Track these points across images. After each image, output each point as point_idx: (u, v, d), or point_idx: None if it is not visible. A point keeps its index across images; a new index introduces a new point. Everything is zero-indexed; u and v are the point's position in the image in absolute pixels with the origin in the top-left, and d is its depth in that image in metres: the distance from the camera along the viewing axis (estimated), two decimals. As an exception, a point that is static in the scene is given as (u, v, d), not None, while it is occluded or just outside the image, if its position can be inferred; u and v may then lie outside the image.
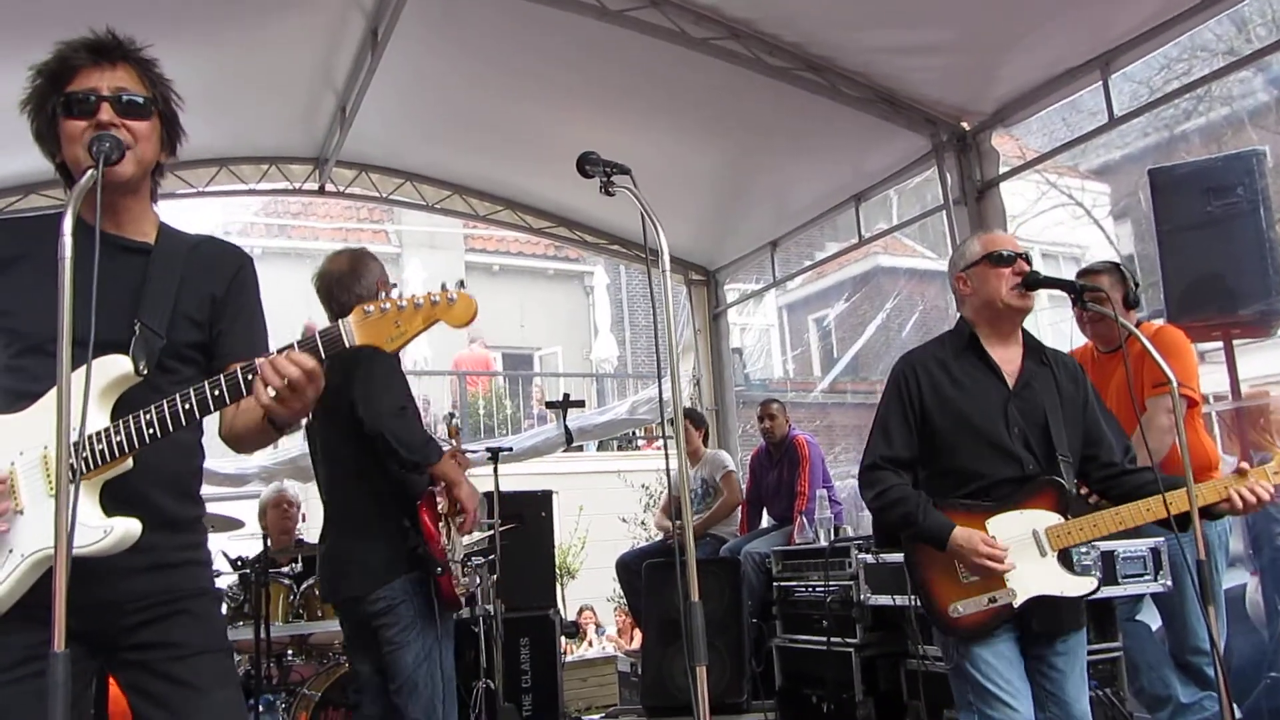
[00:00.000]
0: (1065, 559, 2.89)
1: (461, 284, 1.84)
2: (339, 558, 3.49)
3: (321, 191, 7.56)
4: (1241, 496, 2.80)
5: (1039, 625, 2.88)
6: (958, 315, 3.21)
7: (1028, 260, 3.06)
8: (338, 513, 3.55)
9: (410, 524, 3.36)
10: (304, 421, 2.05)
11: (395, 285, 3.59)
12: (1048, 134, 8.55)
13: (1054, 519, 2.88)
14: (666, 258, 2.08)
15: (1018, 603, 2.81)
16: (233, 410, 2.04)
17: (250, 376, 1.84)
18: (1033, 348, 3.11)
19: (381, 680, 3.47)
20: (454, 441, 4.13)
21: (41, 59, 2.06)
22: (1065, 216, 14.71)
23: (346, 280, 3.49)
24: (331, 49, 5.85)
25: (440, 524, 3.43)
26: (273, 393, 1.82)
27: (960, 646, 2.90)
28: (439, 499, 3.48)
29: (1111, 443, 3.08)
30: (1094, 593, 2.92)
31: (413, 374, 15.31)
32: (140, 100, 2.03)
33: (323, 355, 1.84)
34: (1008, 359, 3.05)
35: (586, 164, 2.31)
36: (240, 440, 2.12)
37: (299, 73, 6.11)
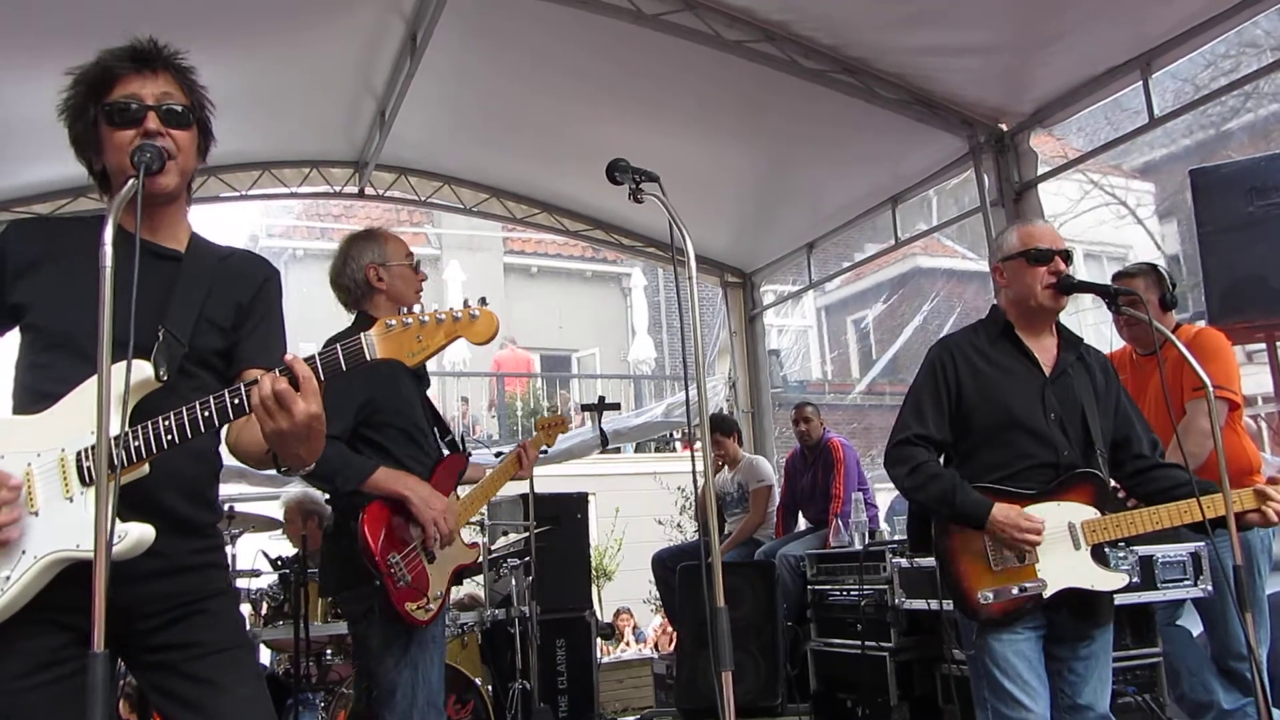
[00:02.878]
0: (1099, 554, 2.88)
1: (484, 300, 1.86)
2: (322, 554, 3.45)
3: (361, 195, 7.64)
4: (1275, 510, 2.79)
5: (1071, 615, 2.88)
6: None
7: (1066, 258, 3.04)
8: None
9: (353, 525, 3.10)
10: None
11: (384, 264, 3.31)
12: (1090, 133, 8.45)
13: (1091, 513, 2.89)
14: (693, 265, 2.08)
15: (1048, 593, 2.82)
16: (240, 424, 2.01)
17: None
18: (1069, 340, 3.12)
19: None
20: None
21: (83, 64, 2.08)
22: (1109, 216, 14.55)
23: (338, 266, 3.38)
24: (371, 54, 5.91)
25: (384, 535, 3.11)
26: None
27: (981, 639, 2.90)
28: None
29: (1142, 435, 3.09)
30: (1125, 588, 2.91)
31: (451, 375, 15.46)
32: (181, 109, 2.06)
33: (344, 366, 1.85)
34: (1043, 349, 3.08)
35: (616, 171, 2.32)
36: (245, 455, 2.10)
37: (340, 78, 6.18)
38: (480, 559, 5.69)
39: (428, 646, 3.13)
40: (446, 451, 3.48)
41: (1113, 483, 3.08)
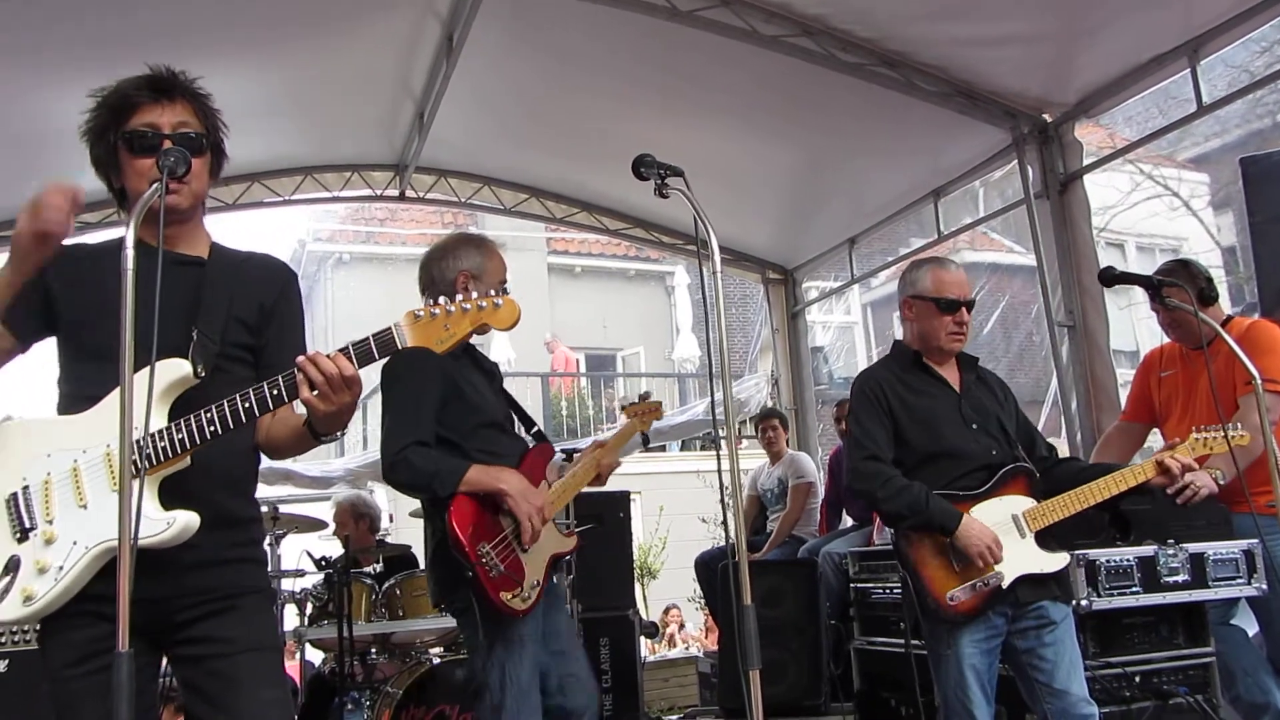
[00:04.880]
0: (1041, 538, 3.18)
1: (506, 290, 1.99)
2: (426, 562, 3.41)
3: (402, 197, 7.71)
4: (1176, 468, 3.14)
5: (1025, 595, 3.12)
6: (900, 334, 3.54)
7: (969, 308, 3.35)
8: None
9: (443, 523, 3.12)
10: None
11: (477, 277, 3.30)
12: (1141, 123, 8.28)
13: (1028, 503, 3.22)
14: (717, 259, 2.08)
15: (1006, 583, 3.08)
16: (268, 418, 2.14)
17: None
18: (966, 362, 3.46)
19: None
20: None
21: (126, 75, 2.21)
22: (1161, 208, 14.24)
23: (437, 255, 3.39)
24: (409, 57, 5.96)
25: (474, 526, 3.13)
26: (313, 391, 1.93)
27: (951, 638, 3.12)
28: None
29: (1039, 441, 3.47)
30: (1066, 566, 3.25)
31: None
32: (196, 135, 2.19)
33: (376, 355, 1.95)
34: (948, 372, 3.41)
35: (641, 166, 2.34)
36: (276, 448, 2.24)
37: (378, 81, 6.24)
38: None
39: (515, 646, 3.13)
40: (533, 442, 3.48)
41: None
